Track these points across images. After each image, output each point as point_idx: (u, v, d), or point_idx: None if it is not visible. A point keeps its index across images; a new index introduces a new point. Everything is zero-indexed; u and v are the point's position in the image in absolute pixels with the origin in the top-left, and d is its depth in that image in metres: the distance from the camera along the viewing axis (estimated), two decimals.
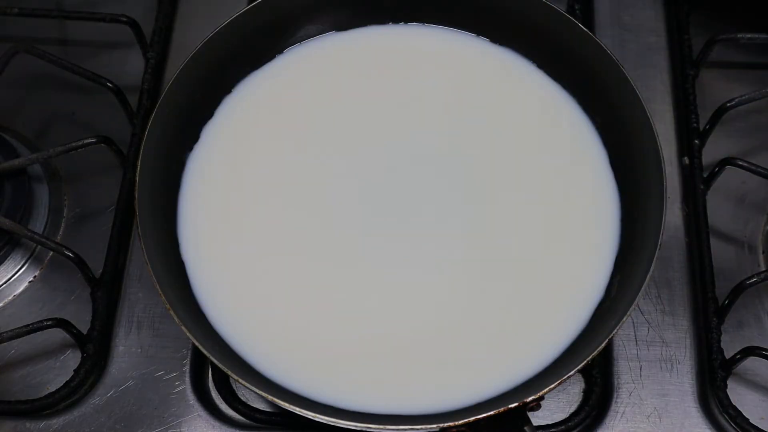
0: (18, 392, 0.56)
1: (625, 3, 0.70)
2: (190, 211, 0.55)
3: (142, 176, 0.52)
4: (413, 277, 0.53)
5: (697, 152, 0.63)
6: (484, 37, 0.62)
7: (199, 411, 0.55)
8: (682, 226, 0.61)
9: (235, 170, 0.57)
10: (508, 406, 0.45)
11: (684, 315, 0.58)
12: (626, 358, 0.57)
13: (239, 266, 0.54)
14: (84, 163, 0.63)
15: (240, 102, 0.59)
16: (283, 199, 0.56)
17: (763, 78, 0.68)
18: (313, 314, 0.52)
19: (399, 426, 0.45)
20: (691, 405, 0.55)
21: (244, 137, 0.58)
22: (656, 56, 0.68)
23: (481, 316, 0.52)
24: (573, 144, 0.58)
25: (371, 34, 0.62)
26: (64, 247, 0.57)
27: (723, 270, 0.59)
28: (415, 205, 0.55)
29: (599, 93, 0.57)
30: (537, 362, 0.51)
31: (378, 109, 0.59)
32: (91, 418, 0.55)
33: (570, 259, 0.54)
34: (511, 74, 0.61)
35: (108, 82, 0.62)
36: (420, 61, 0.61)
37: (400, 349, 0.51)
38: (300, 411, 0.46)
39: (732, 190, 0.63)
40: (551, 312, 0.52)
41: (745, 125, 0.65)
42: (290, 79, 0.60)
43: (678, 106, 0.66)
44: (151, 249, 0.50)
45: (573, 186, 0.56)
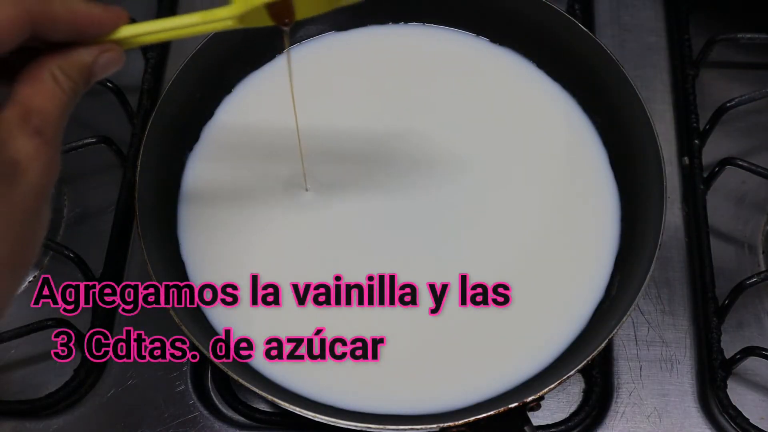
0: (18, 392, 0.56)
1: (625, 3, 0.70)
2: (190, 211, 0.55)
3: (142, 176, 0.52)
4: (413, 277, 0.53)
5: (697, 152, 0.63)
6: (484, 37, 0.62)
7: (199, 411, 0.55)
8: (682, 226, 0.61)
9: (235, 170, 0.57)
10: (508, 406, 0.45)
11: (684, 315, 0.58)
12: (626, 358, 0.57)
13: (239, 266, 0.54)
14: (84, 163, 0.63)
15: (240, 102, 0.59)
16: (283, 198, 0.56)
17: (763, 78, 0.68)
18: (314, 314, 0.52)
19: (399, 426, 0.45)
20: (691, 405, 0.55)
21: (244, 137, 0.58)
22: (656, 56, 0.68)
23: (481, 315, 0.52)
24: (573, 144, 0.58)
25: (371, 34, 0.62)
26: (64, 247, 0.57)
27: (723, 270, 0.59)
28: (414, 206, 0.56)
29: (599, 93, 0.57)
30: (537, 362, 0.51)
31: (378, 109, 0.59)
32: (91, 418, 0.55)
33: (570, 259, 0.54)
34: (511, 74, 0.61)
35: (108, 82, 0.62)
36: (420, 61, 0.61)
37: (400, 349, 0.51)
38: (300, 411, 0.46)
39: (732, 190, 0.63)
40: (551, 312, 0.52)
41: (745, 125, 0.65)
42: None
43: (678, 106, 0.66)
44: (151, 249, 0.50)
45: (573, 186, 0.57)
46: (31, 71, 0.35)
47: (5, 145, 0.32)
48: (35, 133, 0.33)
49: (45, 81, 0.35)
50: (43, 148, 0.34)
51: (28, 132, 0.33)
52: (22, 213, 0.33)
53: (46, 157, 0.34)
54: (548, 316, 0.52)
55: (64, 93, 0.35)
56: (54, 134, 0.34)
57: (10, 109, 0.34)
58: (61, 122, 0.35)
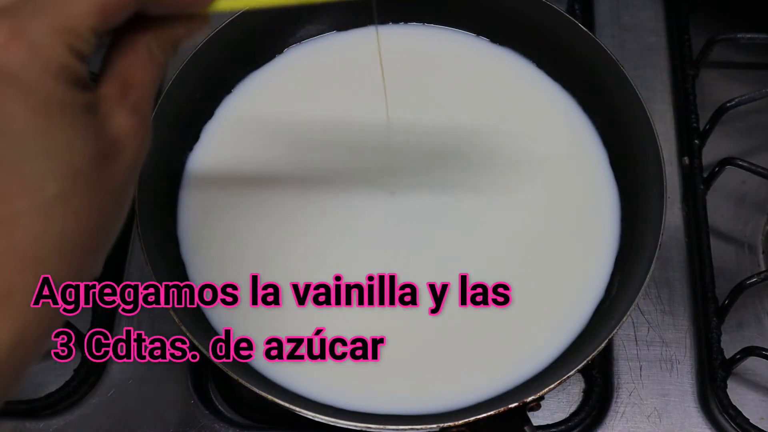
0: (18, 392, 0.56)
1: (625, 3, 0.70)
2: (190, 211, 0.55)
3: (141, 176, 0.52)
4: (413, 277, 0.53)
5: (697, 152, 0.63)
6: (484, 37, 0.62)
7: (199, 411, 0.55)
8: (682, 226, 0.61)
9: (235, 170, 0.57)
10: (508, 406, 0.45)
11: (684, 315, 0.58)
12: (626, 358, 0.57)
13: (239, 266, 0.54)
14: None
15: (240, 102, 0.59)
16: (283, 199, 0.56)
17: (763, 78, 0.68)
18: (314, 314, 0.52)
19: (399, 426, 0.45)
20: (691, 405, 0.55)
21: (244, 137, 0.58)
22: (656, 56, 0.68)
23: (480, 316, 0.52)
24: (573, 144, 0.58)
25: (371, 34, 0.62)
26: None
27: (723, 270, 0.59)
28: (414, 205, 0.55)
29: (599, 93, 0.57)
30: (537, 362, 0.51)
31: (378, 109, 0.59)
32: (91, 418, 0.55)
33: (570, 259, 0.54)
34: (511, 74, 0.61)
35: None
36: (420, 61, 0.61)
37: (400, 349, 0.51)
38: (300, 411, 0.46)
39: (732, 190, 0.63)
40: (551, 312, 0.52)
41: (745, 125, 0.66)
42: (290, 79, 0.60)
43: (678, 106, 0.66)
44: (151, 249, 0.50)
45: (573, 186, 0.57)
46: (127, 43, 0.34)
47: (107, 123, 0.32)
48: (134, 110, 0.33)
49: (141, 54, 0.34)
50: (140, 125, 0.33)
51: (127, 109, 0.33)
52: (119, 192, 0.33)
53: (142, 134, 0.33)
54: (548, 316, 0.52)
55: (158, 67, 0.34)
56: (148, 110, 0.34)
57: (109, 84, 0.33)
58: (153, 97, 0.34)
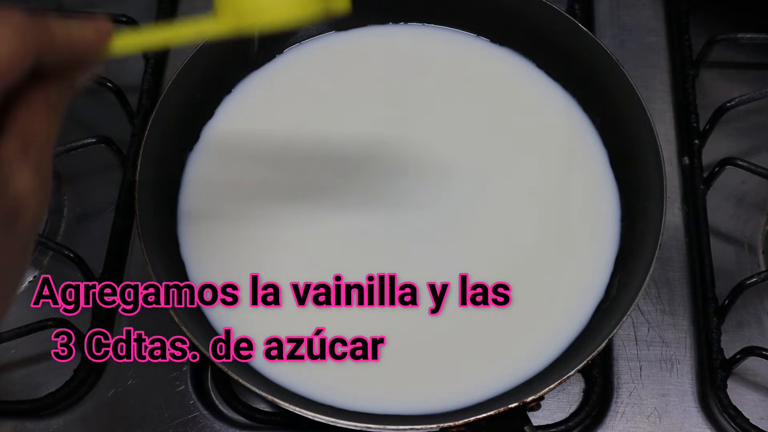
0: (18, 392, 0.56)
1: (625, 3, 0.70)
2: (190, 211, 0.55)
3: (142, 176, 0.52)
4: (413, 277, 0.53)
5: (697, 152, 0.63)
6: (484, 37, 0.62)
7: (199, 411, 0.55)
8: (682, 226, 0.61)
9: (235, 170, 0.57)
10: (508, 406, 0.45)
11: (684, 315, 0.58)
12: (626, 358, 0.57)
13: (239, 266, 0.54)
14: (84, 163, 0.63)
15: (240, 102, 0.59)
16: (283, 198, 0.56)
17: (763, 78, 0.68)
18: (314, 314, 0.52)
19: (399, 426, 0.45)
20: (691, 405, 0.55)
21: (244, 137, 0.58)
22: (656, 56, 0.68)
23: (481, 316, 0.52)
24: (573, 144, 0.58)
25: (371, 34, 0.62)
26: (64, 247, 0.57)
27: (723, 270, 0.59)
28: (414, 206, 0.55)
29: (599, 93, 0.57)
30: (537, 362, 0.51)
31: (378, 109, 0.59)
32: (91, 418, 0.55)
33: (570, 259, 0.54)
34: (511, 74, 0.61)
35: (108, 82, 0.62)
36: (420, 61, 0.61)
37: (400, 349, 0.51)
38: (300, 411, 0.46)
39: (732, 190, 0.63)
40: (551, 312, 0.52)
41: (745, 125, 0.65)
42: (290, 79, 0.60)
43: (678, 106, 0.66)
44: (151, 249, 0.50)
45: (573, 186, 0.57)
46: (24, 97, 0.32)
47: (9, 185, 0.31)
48: (36, 169, 0.32)
49: (40, 107, 0.33)
50: (41, 185, 0.32)
51: (29, 168, 0.32)
52: (20, 251, 0.32)
53: (43, 193, 0.32)
54: (548, 316, 0.52)
55: (58, 118, 0.34)
56: (50, 168, 0.33)
57: (8, 143, 0.32)
58: (53, 151, 0.33)
